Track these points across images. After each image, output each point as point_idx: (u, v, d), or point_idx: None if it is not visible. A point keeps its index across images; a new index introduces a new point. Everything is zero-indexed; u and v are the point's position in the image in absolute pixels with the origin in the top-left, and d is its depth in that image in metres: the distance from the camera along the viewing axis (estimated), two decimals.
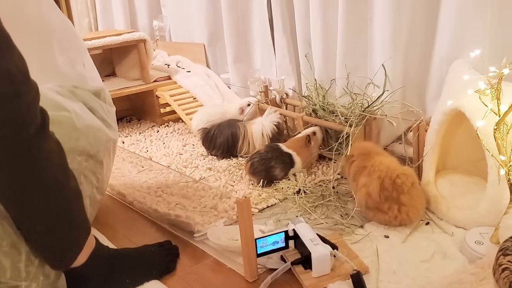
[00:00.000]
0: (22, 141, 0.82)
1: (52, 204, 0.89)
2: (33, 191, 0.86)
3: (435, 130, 1.33)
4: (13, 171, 0.83)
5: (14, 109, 0.79)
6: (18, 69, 0.80)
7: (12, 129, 0.80)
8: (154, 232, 1.33)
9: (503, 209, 1.08)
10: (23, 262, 0.89)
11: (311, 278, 1.04)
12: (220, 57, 2.43)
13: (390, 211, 1.22)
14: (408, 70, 1.56)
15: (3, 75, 0.77)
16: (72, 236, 0.96)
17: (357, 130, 1.48)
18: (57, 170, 0.91)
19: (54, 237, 0.92)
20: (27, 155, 0.83)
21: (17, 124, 0.80)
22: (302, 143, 1.60)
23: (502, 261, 0.81)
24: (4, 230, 0.87)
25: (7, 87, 0.78)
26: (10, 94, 0.78)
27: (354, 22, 1.58)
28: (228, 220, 1.33)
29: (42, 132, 0.86)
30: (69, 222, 0.94)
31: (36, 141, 0.85)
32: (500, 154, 1.05)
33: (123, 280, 1.06)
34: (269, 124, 1.76)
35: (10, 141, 0.80)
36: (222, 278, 1.11)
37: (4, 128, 0.79)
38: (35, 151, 0.84)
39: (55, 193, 0.90)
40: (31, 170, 0.85)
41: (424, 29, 1.48)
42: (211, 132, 1.82)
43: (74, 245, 0.97)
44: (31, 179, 0.85)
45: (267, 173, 1.51)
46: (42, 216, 0.89)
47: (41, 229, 0.89)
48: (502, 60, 1.07)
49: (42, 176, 0.87)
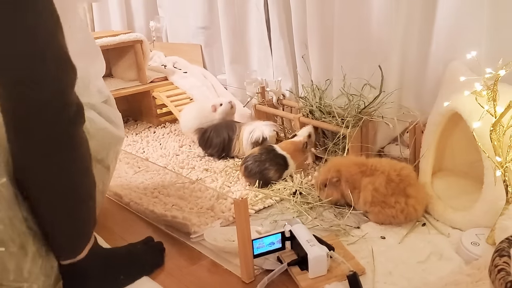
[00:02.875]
0: (64, 120, 0.87)
1: (78, 187, 0.94)
2: (66, 172, 0.90)
3: (432, 132, 1.33)
4: (53, 149, 0.87)
5: (59, 88, 0.85)
6: (63, 50, 0.86)
7: (56, 108, 0.85)
8: (151, 233, 1.33)
9: (499, 210, 1.08)
10: (28, 263, 0.90)
11: (307, 279, 1.04)
12: (217, 58, 2.43)
13: (397, 204, 1.23)
14: (404, 71, 1.56)
15: (52, 56, 0.83)
16: (87, 224, 0.99)
17: (354, 131, 1.49)
18: (88, 155, 0.96)
19: (74, 223, 0.96)
20: (67, 135, 0.89)
21: (61, 103, 0.86)
22: (298, 148, 1.59)
23: (498, 262, 0.81)
24: (14, 230, 0.88)
25: (51, 68, 0.83)
26: (53, 76, 0.84)
27: (351, 23, 1.58)
28: (225, 221, 1.33)
29: (80, 115, 0.92)
30: (87, 209, 0.98)
31: (75, 121, 0.90)
32: (496, 155, 1.05)
33: (117, 276, 1.07)
34: (258, 134, 1.72)
35: (54, 118, 0.85)
36: (218, 279, 1.11)
37: (49, 107, 0.84)
38: (74, 131, 0.90)
39: (84, 176, 0.96)
40: (68, 152, 0.90)
41: (421, 30, 1.49)
42: (208, 132, 1.82)
43: (86, 234, 1.00)
44: (67, 160, 0.90)
45: (261, 175, 1.51)
46: (68, 197, 0.92)
47: (64, 210, 0.92)
48: (498, 61, 1.07)
49: (76, 157, 0.92)
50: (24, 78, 0.82)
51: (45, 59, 0.83)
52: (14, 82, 0.82)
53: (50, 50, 0.84)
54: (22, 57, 0.82)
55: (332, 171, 1.33)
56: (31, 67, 0.82)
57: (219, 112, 1.93)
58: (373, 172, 1.28)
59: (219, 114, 1.93)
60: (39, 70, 0.83)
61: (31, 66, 0.82)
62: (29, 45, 0.82)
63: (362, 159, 1.35)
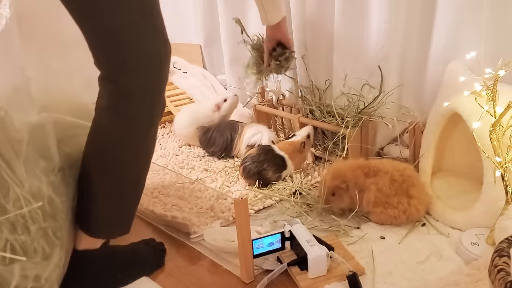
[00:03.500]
0: (158, 108, 1.00)
1: (143, 172, 1.05)
2: (144, 152, 1.03)
3: (431, 132, 1.33)
4: (141, 131, 0.99)
5: (158, 79, 0.96)
6: (166, 47, 0.98)
7: (154, 96, 0.98)
8: (151, 233, 1.33)
9: (499, 210, 1.08)
10: (48, 272, 0.93)
11: (307, 279, 1.04)
12: (217, 58, 2.42)
13: (399, 204, 1.23)
14: (404, 71, 1.56)
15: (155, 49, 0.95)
16: (133, 210, 1.09)
17: (353, 131, 1.49)
18: (154, 147, 1.08)
19: (124, 199, 1.05)
20: (155, 122, 1.02)
21: (158, 92, 0.98)
22: (296, 148, 1.59)
23: (497, 262, 0.81)
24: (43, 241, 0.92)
25: (156, 60, 0.96)
26: (157, 67, 0.96)
27: (350, 23, 1.58)
28: (225, 221, 1.33)
29: (164, 107, 1.04)
30: (137, 197, 1.08)
31: (161, 112, 1.02)
32: (496, 155, 1.06)
33: (116, 274, 1.09)
34: (255, 139, 1.72)
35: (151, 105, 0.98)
36: (218, 279, 1.11)
37: (148, 93, 0.96)
38: (158, 120, 1.03)
39: (148, 164, 1.06)
40: (151, 135, 1.03)
41: (420, 30, 1.49)
42: (211, 131, 1.82)
43: (128, 218, 1.09)
44: (148, 143, 1.03)
45: (260, 176, 1.51)
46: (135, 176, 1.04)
47: (125, 184, 1.03)
48: (497, 61, 1.07)
49: (152, 145, 1.05)
50: (128, 67, 0.93)
51: (149, 53, 0.94)
52: (118, 69, 0.93)
53: (153, 45, 0.95)
54: (130, 50, 0.92)
55: (339, 177, 1.29)
56: (137, 59, 0.93)
57: (224, 109, 1.92)
58: (376, 172, 1.28)
59: (224, 111, 1.92)
60: (143, 62, 0.94)
61: (137, 58, 0.93)
62: (137, 39, 0.92)
63: (362, 162, 1.34)
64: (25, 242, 0.87)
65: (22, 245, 0.87)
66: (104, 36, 0.92)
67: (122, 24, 0.91)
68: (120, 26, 0.91)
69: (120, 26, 0.91)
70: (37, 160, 0.95)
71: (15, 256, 0.85)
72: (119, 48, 0.92)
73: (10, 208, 0.85)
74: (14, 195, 0.87)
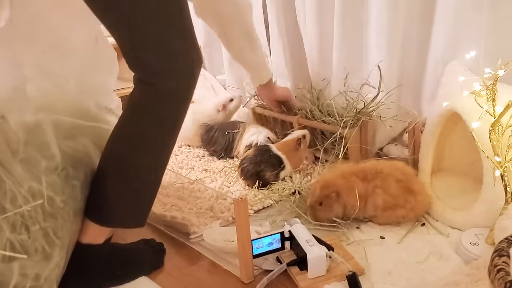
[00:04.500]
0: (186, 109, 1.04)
1: (162, 169, 1.07)
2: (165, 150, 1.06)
3: (431, 132, 1.33)
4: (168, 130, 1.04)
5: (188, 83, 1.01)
6: (197, 52, 1.02)
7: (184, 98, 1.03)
8: (150, 233, 1.32)
9: (499, 210, 1.08)
10: (48, 271, 0.93)
11: (306, 279, 1.04)
12: (216, 59, 2.42)
13: (407, 203, 1.23)
14: (403, 71, 1.56)
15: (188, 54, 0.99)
16: (150, 201, 1.09)
17: (353, 131, 1.48)
18: None
19: (143, 192, 1.07)
20: (179, 123, 1.05)
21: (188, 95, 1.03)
22: (292, 146, 1.59)
23: (497, 262, 0.81)
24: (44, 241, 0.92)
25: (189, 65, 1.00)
26: (189, 71, 0.99)
27: (350, 23, 1.58)
28: (224, 221, 1.33)
29: None
30: (152, 195, 1.09)
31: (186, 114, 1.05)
32: (496, 155, 1.06)
33: (115, 272, 1.09)
34: (252, 139, 1.72)
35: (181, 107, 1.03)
36: (217, 279, 1.11)
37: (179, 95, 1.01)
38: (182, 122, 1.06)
39: (167, 162, 1.08)
40: (175, 136, 1.06)
41: (420, 30, 1.49)
42: (213, 130, 1.81)
43: (145, 210, 1.10)
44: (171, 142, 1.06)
45: (258, 177, 1.51)
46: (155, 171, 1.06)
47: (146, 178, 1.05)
48: (497, 61, 1.07)
49: (173, 144, 1.07)
50: (161, 71, 0.96)
51: (182, 57, 0.98)
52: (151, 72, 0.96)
53: (186, 50, 0.99)
54: (163, 55, 0.95)
55: (328, 187, 1.24)
56: (171, 63, 0.96)
57: (229, 109, 1.92)
58: (376, 175, 1.26)
59: (229, 111, 1.92)
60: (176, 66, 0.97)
61: (171, 62, 0.96)
62: (171, 43, 0.96)
63: (355, 166, 1.31)
64: (25, 241, 0.88)
65: (22, 244, 0.87)
66: (138, 41, 0.95)
67: (156, 29, 0.94)
68: (154, 31, 0.94)
69: (154, 32, 0.94)
70: (38, 159, 0.95)
71: (15, 254, 0.85)
72: (151, 51, 0.95)
73: (8, 207, 0.85)
74: (11, 194, 0.87)
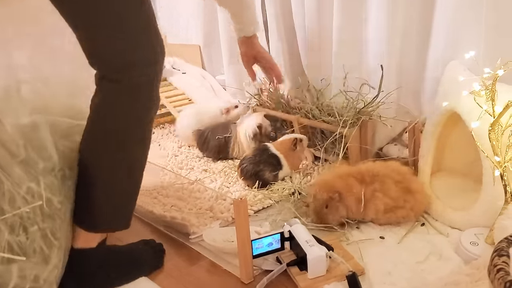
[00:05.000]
0: (153, 102, 1.00)
1: (141, 165, 1.05)
2: (140, 146, 1.03)
3: (431, 132, 1.33)
4: (137, 126, 1.00)
5: (152, 73, 0.97)
6: (159, 40, 0.97)
7: (149, 90, 0.98)
8: (150, 234, 1.33)
9: (498, 210, 1.08)
10: (46, 272, 0.93)
11: (306, 279, 1.04)
12: (216, 59, 2.42)
13: (406, 203, 1.23)
14: (403, 71, 1.56)
15: (149, 43, 0.95)
16: (131, 202, 1.09)
17: (352, 131, 1.48)
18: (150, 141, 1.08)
19: (123, 194, 1.05)
20: (150, 116, 1.02)
21: (153, 86, 0.98)
22: (288, 147, 1.58)
23: (497, 261, 0.81)
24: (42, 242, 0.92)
25: (151, 54, 0.96)
26: (151, 60, 0.96)
27: (349, 23, 1.58)
28: (224, 221, 1.33)
29: (159, 101, 1.03)
30: (135, 191, 1.08)
31: (156, 106, 1.02)
32: (495, 155, 1.06)
33: (113, 274, 1.09)
34: (251, 125, 1.74)
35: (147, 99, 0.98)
36: (217, 279, 1.11)
37: (143, 87, 0.96)
38: (154, 114, 1.03)
39: (145, 158, 1.06)
40: (147, 130, 1.03)
41: (419, 30, 1.49)
42: (205, 134, 1.81)
43: (128, 212, 1.09)
44: (144, 137, 1.03)
45: (257, 177, 1.51)
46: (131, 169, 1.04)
47: (123, 178, 1.03)
48: (496, 61, 1.07)
49: (148, 139, 1.05)
50: (122, 63, 0.93)
51: (143, 47, 0.94)
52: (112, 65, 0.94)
53: (147, 39, 0.95)
54: (123, 45, 0.92)
55: (328, 188, 1.23)
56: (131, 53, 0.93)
57: (232, 114, 1.92)
58: (373, 178, 1.25)
59: (231, 117, 1.92)
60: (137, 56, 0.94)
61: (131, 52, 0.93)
62: (130, 34, 0.93)
63: (352, 168, 1.30)
64: (24, 242, 0.88)
65: (20, 245, 0.87)
66: (99, 33, 0.92)
67: (114, 20, 0.91)
68: (112, 22, 0.92)
69: (112, 23, 0.92)
70: (36, 160, 0.95)
71: (14, 256, 0.85)
72: (114, 44, 0.93)
73: (7, 209, 0.85)
74: (10, 195, 0.87)
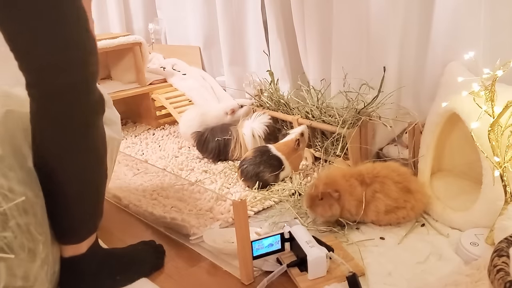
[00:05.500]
0: (86, 107, 0.93)
1: (93, 172, 0.99)
2: (86, 153, 0.96)
3: (430, 132, 1.33)
4: (73, 135, 0.93)
5: (83, 76, 0.90)
6: (89, 40, 0.90)
7: (79, 94, 0.91)
8: (150, 235, 1.33)
9: (498, 210, 1.08)
10: (36, 268, 0.91)
11: (307, 280, 1.04)
12: (216, 60, 2.43)
13: (407, 203, 1.24)
14: (403, 72, 1.56)
15: (80, 43, 0.88)
16: (95, 210, 1.04)
17: (352, 132, 1.49)
18: (104, 146, 1.02)
19: (83, 204, 1.00)
20: (88, 122, 0.94)
21: (86, 88, 0.91)
22: (291, 147, 1.58)
23: (497, 262, 0.81)
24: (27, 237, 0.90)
25: (80, 54, 0.89)
26: (82, 61, 0.89)
27: (349, 24, 1.58)
28: (224, 222, 1.33)
29: (101, 104, 0.97)
30: (98, 198, 1.03)
31: (96, 110, 0.96)
32: (495, 155, 1.06)
33: (113, 277, 1.08)
34: (260, 126, 1.76)
35: (77, 104, 0.91)
36: (218, 280, 1.11)
37: (72, 92, 0.90)
38: (94, 119, 0.96)
39: (99, 165, 1.01)
40: (88, 136, 0.96)
41: (419, 31, 1.49)
42: (204, 135, 1.81)
43: (92, 221, 1.04)
44: (86, 143, 0.96)
45: (258, 178, 1.52)
46: (82, 179, 0.97)
47: (78, 196, 0.98)
48: (496, 62, 1.07)
49: (95, 143, 0.98)
50: (53, 62, 0.86)
51: (74, 46, 0.88)
52: (40, 68, 0.87)
53: (79, 38, 0.88)
54: (51, 44, 0.85)
55: (332, 185, 1.23)
56: (61, 52, 0.86)
57: (238, 115, 1.93)
58: (373, 179, 1.25)
59: (237, 116, 1.93)
60: (68, 55, 0.87)
61: (62, 51, 0.86)
62: (61, 32, 0.86)
63: (353, 169, 1.31)
64: (8, 238, 0.85)
65: (6, 242, 0.85)
66: (19, 34, 0.85)
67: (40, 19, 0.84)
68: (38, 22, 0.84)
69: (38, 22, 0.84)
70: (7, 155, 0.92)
71: (2, 254, 0.84)
72: (33, 45, 0.85)
73: None
74: None
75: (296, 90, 1.89)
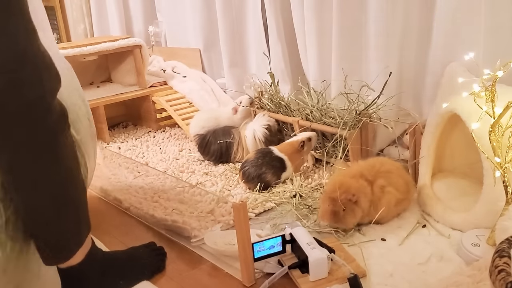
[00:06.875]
0: (45, 125, 0.86)
1: (64, 191, 0.93)
2: (50, 175, 0.89)
3: (431, 133, 1.33)
4: (35, 154, 0.86)
5: (39, 93, 0.83)
6: (44, 55, 0.84)
7: (36, 113, 0.84)
8: (151, 237, 1.33)
9: (499, 211, 1.08)
10: None
11: (308, 282, 1.04)
12: (216, 62, 2.43)
13: (408, 194, 1.29)
14: (403, 73, 1.56)
15: (31, 59, 0.81)
16: (77, 227, 0.98)
17: (353, 133, 1.49)
18: (72, 160, 0.95)
19: (60, 225, 0.94)
20: (49, 140, 0.87)
21: (41, 108, 0.84)
22: (295, 148, 1.59)
23: (498, 262, 0.81)
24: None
25: (33, 71, 0.82)
26: (36, 78, 0.82)
27: (349, 26, 1.59)
28: (225, 225, 1.33)
29: (63, 120, 0.91)
30: (76, 212, 0.97)
31: (56, 128, 0.89)
32: (496, 156, 1.06)
33: (116, 281, 1.07)
34: (260, 128, 1.76)
35: (35, 123, 0.84)
36: (219, 283, 1.11)
37: (29, 111, 0.82)
38: (56, 136, 0.89)
39: (69, 181, 0.94)
40: (53, 154, 0.89)
41: (419, 32, 1.49)
42: (206, 138, 1.81)
43: (77, 237, 0.99)
44: (51, 163, 0.89)
45: (259, 180, 1.52)
46: (54, 201, 0.91)
47: (50, 214, 0.91)
48: (496, 62, 1.07)
49: (60, 162, 0.91)
50: (3, 81, 0.79)
51: (25, 62, 0.81)
52: None
53: (30, 54, 0.81)
54: (3, 60, 0.78)
55: (345, 189, 1.19)
56: (12, 70, 0.79)
57: (240, 111, 1.93)
58: (376, 175, 1.25)
59: (240, 113, 1.93)
60: (19, 73, 0.80)
61: (12, 69, 0.79)
62: (9, 48, 0.78)
63: (353, 170, 1.29)
64: None
65: None
66: None
67: None
68: None
69: None
70: None
71: None
72: None
73: None
74: None
75: (296, 92, 1.89)
